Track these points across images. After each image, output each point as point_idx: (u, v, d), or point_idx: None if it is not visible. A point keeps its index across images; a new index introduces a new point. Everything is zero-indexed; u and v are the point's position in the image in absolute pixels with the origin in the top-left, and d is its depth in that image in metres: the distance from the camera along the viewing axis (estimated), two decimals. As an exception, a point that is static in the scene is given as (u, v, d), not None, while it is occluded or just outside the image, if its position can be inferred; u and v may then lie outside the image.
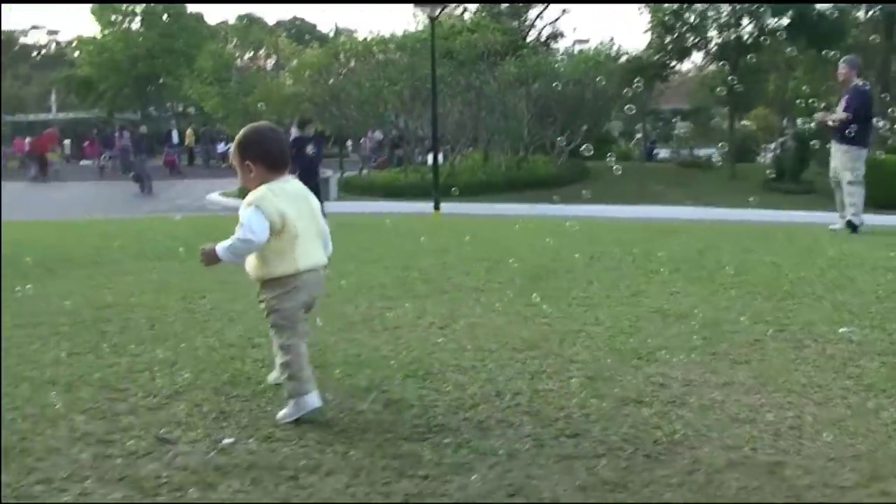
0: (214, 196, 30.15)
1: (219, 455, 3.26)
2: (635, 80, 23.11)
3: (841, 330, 5.34)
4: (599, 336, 5.27)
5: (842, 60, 12.58)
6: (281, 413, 3.71)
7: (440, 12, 24.43)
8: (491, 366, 4.52)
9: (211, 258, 3.79)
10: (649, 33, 31.36)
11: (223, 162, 43.05)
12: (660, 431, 3.48)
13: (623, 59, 32.27)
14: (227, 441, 3.40)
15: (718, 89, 45.98)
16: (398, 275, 7.86)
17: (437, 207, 23.25)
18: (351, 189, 30.57)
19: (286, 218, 3.69)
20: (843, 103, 11.98)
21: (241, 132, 3.89)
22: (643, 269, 7.96)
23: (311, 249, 3.84)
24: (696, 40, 29.74)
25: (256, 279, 3.85)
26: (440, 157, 26.81)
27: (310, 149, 13.38)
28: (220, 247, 3.75)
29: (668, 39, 29.98)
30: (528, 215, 21.64)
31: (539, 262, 8.48)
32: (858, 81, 12.16)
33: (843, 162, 11.89)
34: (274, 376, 4.09)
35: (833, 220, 12.40)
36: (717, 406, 3.85)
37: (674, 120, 57.81)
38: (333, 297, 6.75)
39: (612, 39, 49.56)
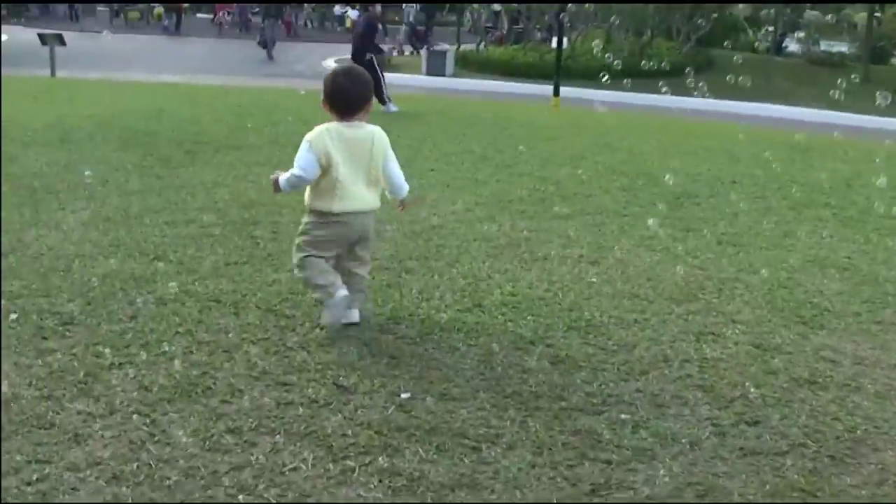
0: (331, 62, 30.08)
1: (398, 412, 3.29)
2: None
3: None
4: (756, 288, 5.12)
5: None
6: (322, 318, 4.13)
7: None
8: (653, 321, 4.44)
9: (276, 187, 4.20)
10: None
11: (339, 25, 42.81)
12: (840, 425, 3.38)
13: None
14: (404, 395, 3.42)
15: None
16: (534, 188, 7.76)
17: (556, 94, 22.79)
18: (467, 64, 30.10)
19: (331, 161, 3.94)
20: None
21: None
22: (789, 202, 7.69)
23: (354, 195, 4.04)
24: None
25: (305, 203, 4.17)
26: (557, 39, 26.11)
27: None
28: (282, 178, 4.12)
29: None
30: (650, 107, 21.15)
31: (678, 183, 8.25)
32: None
33: None
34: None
35: None
36: (893, 394, 3.72)
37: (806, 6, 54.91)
38: (474, 210, 6.73)
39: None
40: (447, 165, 8.62)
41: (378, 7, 15.18)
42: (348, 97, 4.02)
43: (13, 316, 4.10)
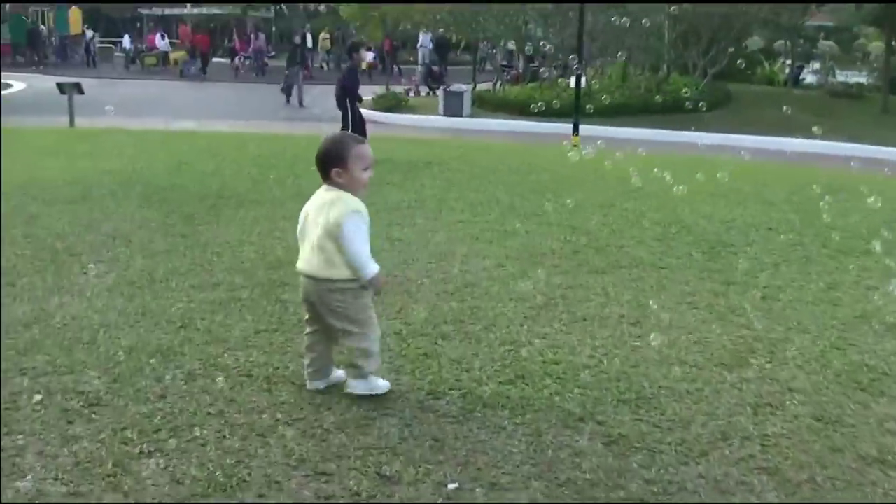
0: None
1: (447, 506, 3.09)
2: None
3: None
4: (808, 350, 4.90)
5: None
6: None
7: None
8: (706, 391, 4.23)
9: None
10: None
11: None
12: (919, 511, 3.16)
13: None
14: (451, 486, 3.22)
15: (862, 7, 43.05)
16: (566, 239, 7.57)
17: (576, 132, 22.66)
18: (484, 104, 30.05)
19: (302, 218, 4.10)
20: None
21: None
22: (829, 249, 7.47)
23: (302, 255, 4.08)
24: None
25: None
26: (575, 78, 26.05)
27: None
28: None
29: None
30: (671, 144, 21.00)
31: (712, 231, 8.07)
32: None
33: None
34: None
35: None
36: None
37: (819, 37, 54.84)
38: (506, 265, 6.55)
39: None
40: (474, 216, 8.45)
41: (363, 53, 15.33)
42: (322, 160, 4.02)
43: (38, 397, 3.94)
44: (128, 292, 5.67)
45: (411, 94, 31.50)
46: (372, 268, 3.94)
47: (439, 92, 29.52)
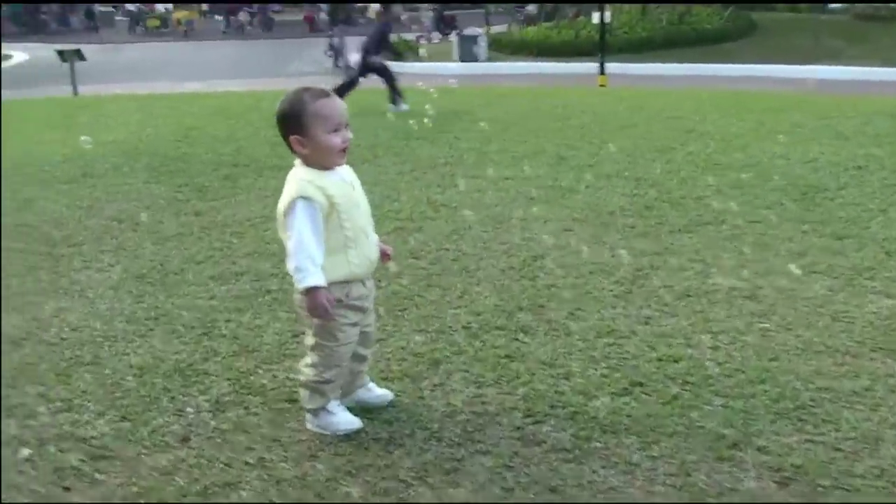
0: (357, 56, 28.99)
1: None
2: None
3: None
4: (976, 320, 3.96)
5: None
6: None
7: None
8: (879, 389, 3.29)
9: None
10: None
11: (362, 18, 41.65)
12: None
13: None
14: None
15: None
16: (632, 193, 6.62)
17: (602, 72, 21.51)
18: (501, 47, 28.86)
19: None
20: None
21: None
22: (938, 188, 6.49)
23: None
24: None
25: None
26: (599, 12, 24.83)
27: None
28: None
29: None
30: (701, 77, 19.90)
31: (796, 174, 7.09)
32: None
33: None
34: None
35: None
36: None
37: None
38: (574, 230, 5.61)
39: None
40: (522, 172, 7.48)
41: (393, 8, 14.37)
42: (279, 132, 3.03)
43: (25, 452, 3.05)
44: (137, 290, 4.77)
45: (422, 40, 30.32)
46: (306, 279, 2.87)
47: (452, 37, 28.36)
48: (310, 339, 3.10)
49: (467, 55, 26.48)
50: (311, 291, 2.88)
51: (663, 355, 3.65)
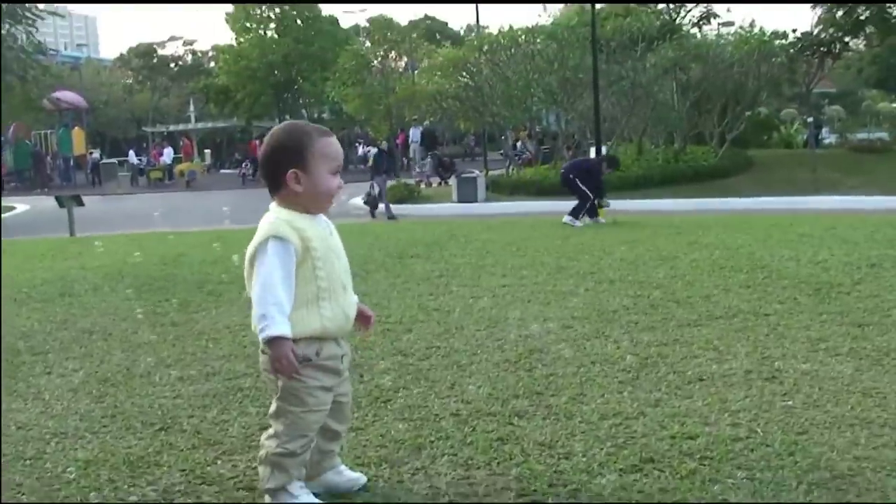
0: (358, 201, 29.17)
1: None
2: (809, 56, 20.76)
3: None
4: None
5: None
6: None
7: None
8: (928, 460, 2.86)
9: None
10: (815, 8, 28.66)
11: (362, 164, 42.24)
12: None
13: (791, 37, 29.73)
14: None
15: (864, 70, 42.53)
16: (636, 294, 6.27)
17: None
18: (499, 189, 29.04)
19: None
20: None
21: None
22: (958, 280, 6.14)
23: None
24: (871, 12, 26.92)
25: None
26: (595, 151, 25.07)
27: None
28: None
29: (840, 13, 27.27)
30: (698, 211, 19.78)
31: (807, 273, 6.75)
32: None
33: None
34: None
35: None
36: None
37: (823, 102, 54.45)
38: (574, 326, 5.23)
39: (753, 21, 46.58)
40: (520, 279, 7.15)
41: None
42: (265, 165, 2.78)
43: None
44: (98, 391, 4.36)
45: (423, 184, 30.57)
46: (269, 327, 2.54)
47: (452, 179, 28.59)
48: (275, 408, 2.73)
49: (466, 196, 26.60)
50: (274, 342, 2.54)
51: (677, 433, 3.22)
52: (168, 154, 42.19)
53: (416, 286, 7.12)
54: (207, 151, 51.66)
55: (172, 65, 66.63)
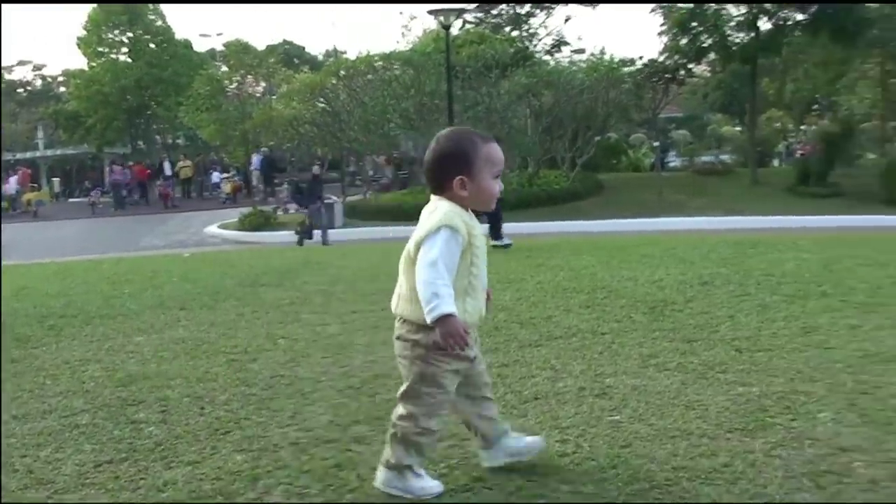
0: (214, 228, 28.72)
1: None
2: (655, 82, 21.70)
3: None
4: (829, 400, 3.81)
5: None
6: None
7: (455, 19, 22.96)
8: (738, 466, 3.04)
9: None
10: (662, 36, 29.93)
11: (216, 190, 41.58)
12: None
13: (637, 64, 30.88)
14: None
15: (709, 96, 44.66)
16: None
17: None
18: (356, 214, 29.09)
19: None
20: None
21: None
22: (781, 295, 6.51)
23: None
24: (713, 40, 28.30)
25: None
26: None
27: None
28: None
29: (684, 41, 28.54)
30: (552, 234, 20.32)
31: (644, 292, 7.04)
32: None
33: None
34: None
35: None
36: None
37: (671, 127, 56.70)
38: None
39: (603, 49, 48.46)
40: (371, 305, 7.21)
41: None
42: (433, 169, 3.00)
43: None
44: (-80, 435, 4.17)
45: (279, 211, 30.30)
46: (441, 306, 2.71)
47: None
48: (408, 390, 2.94)
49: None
50: (446, 319, 2.71)
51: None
52: (14, 183, 40.50)
53: (266, 314, 7.08)
54: (56, 180, 49.87)
55: (21, 90, 64.16)
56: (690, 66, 31.09)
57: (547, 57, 37.59)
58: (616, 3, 28.97)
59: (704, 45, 28.48)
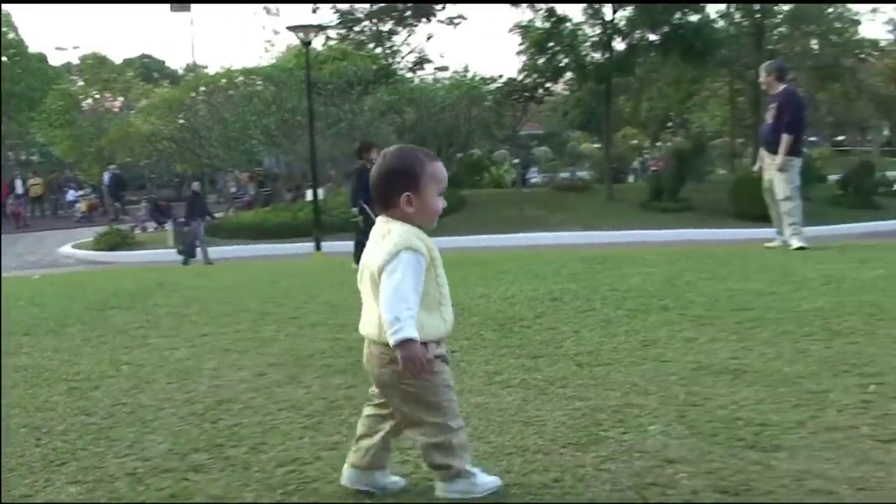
0: (68, 248, 27.77)
1: None
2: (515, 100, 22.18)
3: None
4: (661, 412, 3.96)
5: (763, 67, 11.79)
6: None
7: (315, 35, 22.87)
8: (568, 480, 3.13)
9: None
10: (521, 55, 30.57)
11: (70, 208, 40.21)
12: None
13: (498, 82, 31.44)
14: None
15: (569, 113, 45.95)
16: (334, 338, 6.38)
17: (318, 248, 21.68)
18: (217, 232, 28.59)
19: None
20: (772, 110, 11.11)
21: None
22: (625, 310, 6.72)
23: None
24: (569, 59, 29.09)
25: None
26: (312, 192, 25.28)
27: None
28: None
29: (541, 60, 29.22)
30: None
31: (495, 308, 7.16)
32: (786, 86, 11.34)
33: (778, 174, 10.97)
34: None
35: (771, 235, 11.50)
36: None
37: (532, 144, 57.93)
38: (268, 374, 5.27)
39: (466, 67, 49.18)
40: (222, 328, 7.09)
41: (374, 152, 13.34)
42: (379, 185, 3.06)
43: None
44: None
45: (137, 230, 29.53)
46: (402, 330, 2.79)
47: (168, 225, 27.84)
48: (423, 406, 2.98)
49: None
50: (406, 344, 2.79)
51: (346, 475, 3.33)
52: None
53: (112, 339, 6.88)
54: None
55: None
56: (548, 84, 31.83)
57: (410, 74, 37.87)
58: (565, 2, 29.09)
59: (561, 64, 29.21)
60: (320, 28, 25.13)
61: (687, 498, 2.95)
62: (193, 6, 41.52)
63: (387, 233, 2.95)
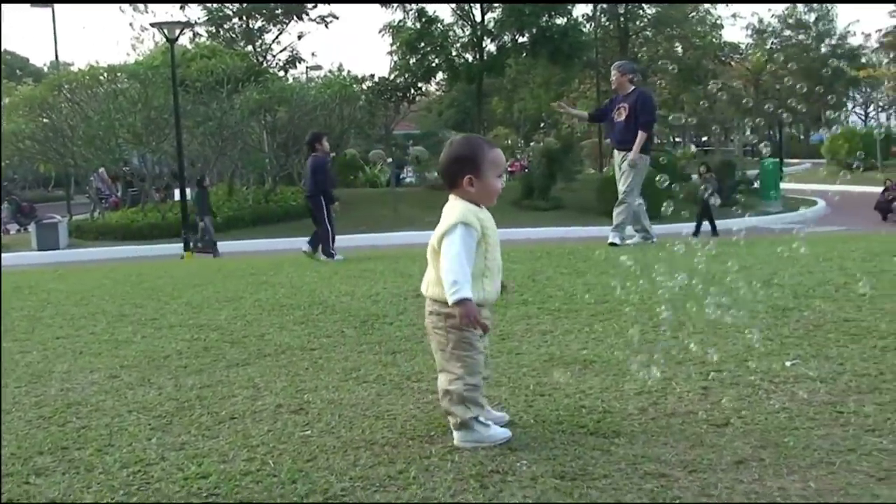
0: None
1: None
2: (387, 100, 22.23)
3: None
4: (510, 403, 4.05)
5: (614, 66, 12.17)
6: None
7: (181, 32, 22.37)
8: (412, 472, 3.17)
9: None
10: (392, 55, 30.63)
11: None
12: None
13: (370, 81, 31.42)
14: None
15: (444, 113, 46.42)
16: (192, 338, 6.29)
17: (186, 248, 21.27)
18: (83, 234, 27.76)
19: None
20: (623, 109, 11.44)
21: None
22: (486, 305, 6.83)
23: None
24: (440, 60, 29.30)
25: None
26: (180, 192, 24.77)
27: None
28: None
29: (412, 60, 29.34)
30: (289, 250, 20.27)
31: (358, 306, 7.19)
32: (638, 87, 11.74)
33: (629, 170, 11.33)
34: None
35: (630, 232, 11.84)
36: None
37: (408, 143, 58.13)
38: (121, 376, 5.17)
39: (341, 65, 48.80)
40: (76, 331, 6.90)
41: (325, 144, 13.19)
42: (446, 169, 3.57)
43: None
44: None
45: (-1, 232, 28.41)
46: (460, 291, 3.29)
47: (30, 227, 26.88)
48: (448, 356, 3.45)
49: (46, 243, 25.13)
50: (465, 302, 3.28)
51: (191, 474, 3.30)
52: None
53: (-41, 345, 6.62)
54: None
55: None
56: (420, 84, 31.98)
57: (282, 73, 37.49)
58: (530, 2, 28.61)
59: (433, 64, 29.40)
60: (187, 25, 24.65)
61: (526, 483, 3.04)
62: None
63: (451, 208, 3.44)
